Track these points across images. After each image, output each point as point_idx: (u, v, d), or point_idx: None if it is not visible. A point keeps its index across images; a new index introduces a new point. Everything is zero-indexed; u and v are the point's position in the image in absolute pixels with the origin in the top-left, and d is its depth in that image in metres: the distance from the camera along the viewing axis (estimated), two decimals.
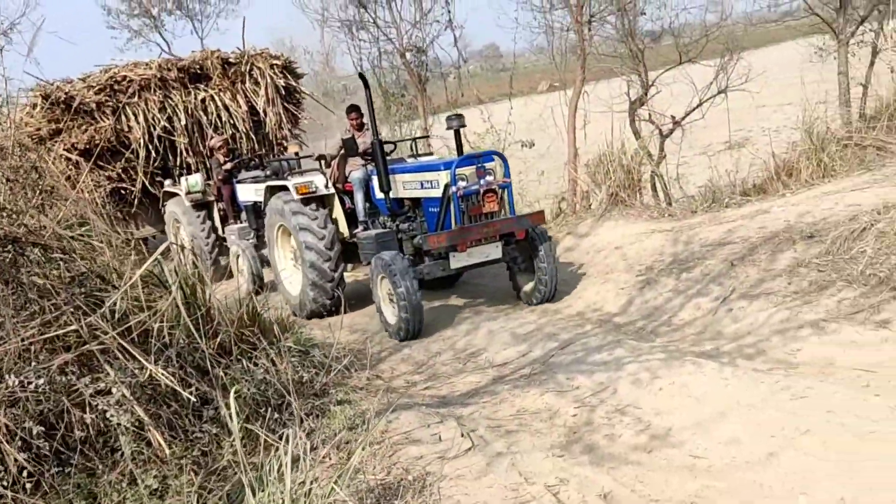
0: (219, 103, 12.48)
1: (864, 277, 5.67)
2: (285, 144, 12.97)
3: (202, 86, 12.60)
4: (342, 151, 8.67)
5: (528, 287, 8.00)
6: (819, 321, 5.46)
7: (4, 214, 5.59)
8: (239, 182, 10.76)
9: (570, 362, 5.68)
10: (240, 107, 12.61)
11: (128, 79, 11.94)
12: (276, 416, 4.86)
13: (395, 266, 7.19)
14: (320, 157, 9.19)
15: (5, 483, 4.28)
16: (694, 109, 12.37)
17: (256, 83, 12.79)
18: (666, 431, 4.33)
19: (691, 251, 7.70)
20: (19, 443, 4.48)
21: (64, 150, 11.30)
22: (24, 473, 4.40)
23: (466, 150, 10.67)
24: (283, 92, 13.05)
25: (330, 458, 4.20)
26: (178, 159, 12.38)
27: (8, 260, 5.19)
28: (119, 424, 4.73)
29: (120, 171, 11.84)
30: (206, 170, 12.02)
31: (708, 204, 9.39)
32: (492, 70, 33.40)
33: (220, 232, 11.57)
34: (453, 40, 13.65)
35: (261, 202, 9.68)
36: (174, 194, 11.85)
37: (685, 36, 13.23)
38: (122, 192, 12.10)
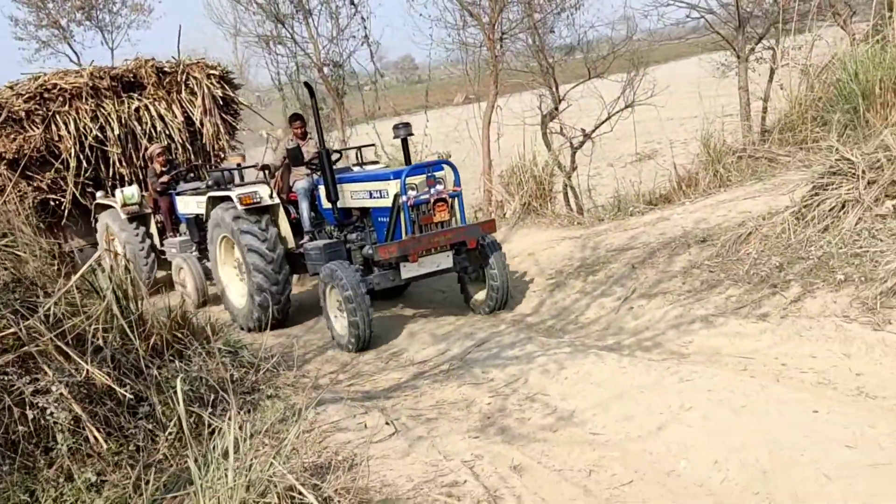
0: (153, 113, 12.34)
1: (748, 276, 6.38)
2: (222, 155, 12.92)
3: (136, 95, 12.44)
4: (286, 161, 8.72)
5: (479, 296, 8.12)
6: (708, 316, 6.15)
7: None
8: (178, 194, 10.70)
9: (486, 358, 6.23)
10: (175, 117, 12.48)
11: (58, 87, 11.75)
12: (210, 410, 5.25)
13: (345, 276, 7.21)
14: (264, 168, 9.20)
15: None
16: (603, 123, 13.19)
17: (193, 93, 12.68)
18: (570, 413, 4.91)
19: (598, 256, 8.37)
20: None
21: None
22: None
23: (382, 163, 11.15)
24: (221, 102, 12.98)
25: (264, 446, 4.62)
26: (111, 170, 12.19)
27: None
28: (56, 422, 5.05)
29: (49, 181, 11.70)
30: (141, 181, 11.97)
31: (614, 212, 10.11)
32: (407, 82, 33.90)
33: (157, 245, 11.47)
34: (370, 55, 14.18)
35: (202, 214, 9.65)
36: (108, 206, 11.72)
37: (594, 52, 14.08)
38: (52, 203, 11.91)
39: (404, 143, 8.06)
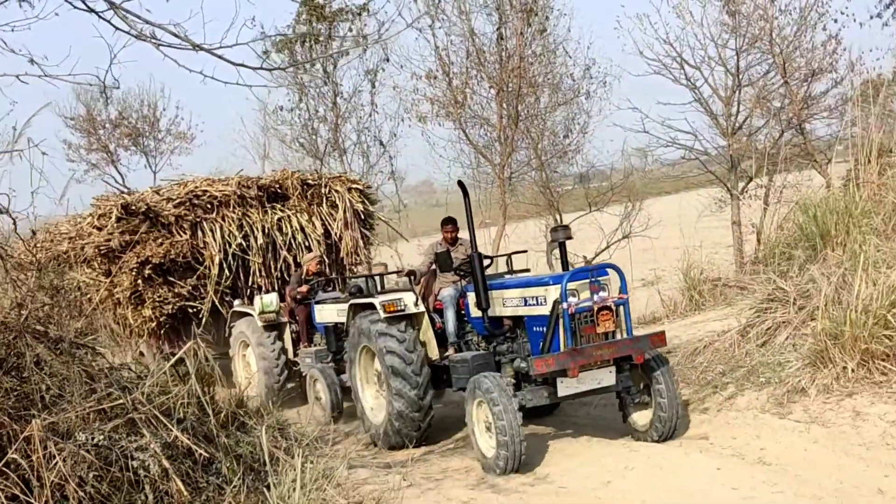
0: (295, 224, 12.62)
1: (698, 380, 8.21)
2: (356, 270, 13.20)
3: (279, 205, 12.77)
4: (433, 267, 8.70)
5: (642, 420, 7.43)
6: None
7: (52, 322, 7.79)
8: (318, 302, 10.70)
9: None
10: (315, 229, 12.73)
11: (208, 194, 12.14)
12: (266, 468, 7.03)
13: (496, 391, 6.82)
14: (409, 273, 8.98)
15: None
16: (602, 251, 15.25)
17: (333, 206, 13.01)
18: (545, 476, 6.74)
19: None
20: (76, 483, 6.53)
21: (137, 262, 11.46)
22: None
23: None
24: (362, 216, 13.37)
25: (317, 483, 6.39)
26: (251, 279, 12.41)
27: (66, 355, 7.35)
28: (147, 475, 6.82)
29: (190, 288, 11.90)
30: (279, 291, 12.13)
31: None
32: (426, 204, 36.34)
33: (289, 355, 11.44)
34: (395, 188, 16.50)
35: (342, 323, 9.58)
36: (244, 314, 11.82)
37: (594, 187, 16.30)
38: (189, 310, 12.00)
39: (562, 246, 7.75)
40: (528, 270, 10.10)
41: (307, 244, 12.56)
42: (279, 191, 12.87)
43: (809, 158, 16.04)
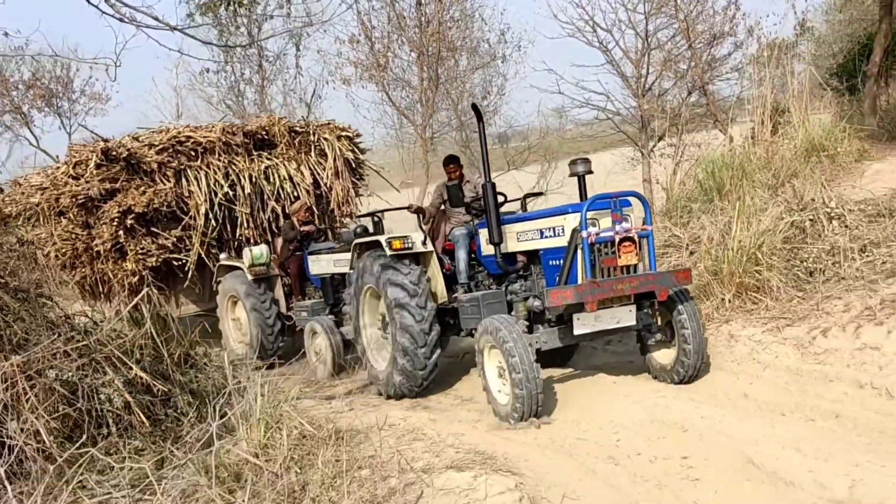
0: (283, 173, 12.35)
1: None
2: (345, 222, 13.04)
3: (266, 153, 12.48)
4: (442, 206, 8.62)
5: (665, 360, 7.46)
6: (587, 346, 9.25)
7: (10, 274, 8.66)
8: (311, 253, 10.68)
9: None
10: (304, 178, 12.50)
11: (192, 140, 11.80)
12: (222, 397, 8.09)
13: (510, 334, 6.62)
14: (418, 211, 8.73)
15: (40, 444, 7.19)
16: (520, 209, 16.50)
17: (322, 154, 12.76)
18: (470, 398, 7.95)
19: None
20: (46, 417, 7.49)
21: (118, 212, 11.08)
22: (52, 437, 7.40)
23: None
24: (353, 165, 13.15)
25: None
26: (238, 231, 12.12)
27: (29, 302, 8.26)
28: (111, 410, 7.81)
29: (175, 240, 11.55)
30: (269, 242, 11.98)
31: None
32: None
33: (282, 309, 11.37)
34: None
35: (339, 274, 9.58)
36: (232, 268, 11.54)
37: (512, 147, 17.57)
38: (174, 263, 11.70)
39: (581, 180, 7.54)
40: None
41: (296, 194, 12.34)
42: (266, 138, 12.64)
43: (713, 118, 17.56)
